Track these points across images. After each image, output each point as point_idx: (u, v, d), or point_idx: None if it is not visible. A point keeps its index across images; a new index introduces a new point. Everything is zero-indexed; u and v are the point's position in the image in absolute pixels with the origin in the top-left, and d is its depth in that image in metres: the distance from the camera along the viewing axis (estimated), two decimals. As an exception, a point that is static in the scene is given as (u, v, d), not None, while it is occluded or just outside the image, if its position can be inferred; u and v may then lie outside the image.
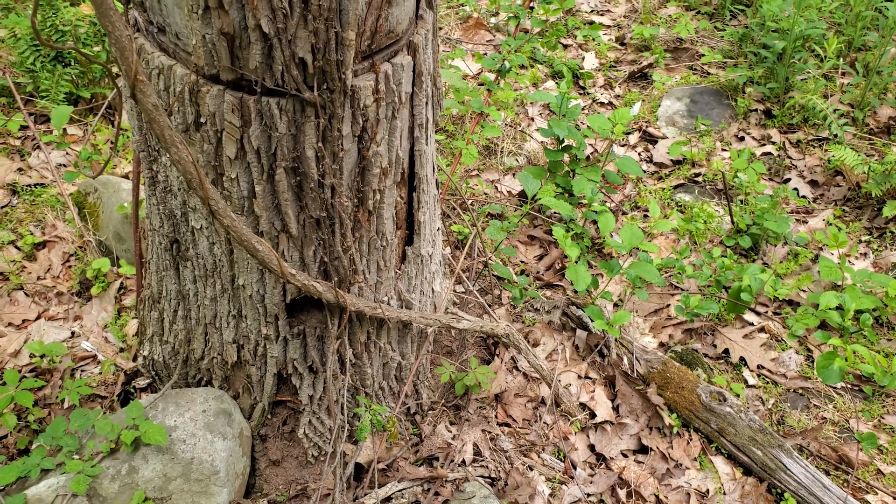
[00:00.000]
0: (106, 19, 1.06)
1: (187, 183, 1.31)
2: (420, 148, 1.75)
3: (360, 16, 1.38)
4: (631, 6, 4.91)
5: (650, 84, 4.26)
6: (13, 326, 2.73)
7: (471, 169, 3.62)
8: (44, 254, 2.99)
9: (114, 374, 2.52)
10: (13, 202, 3.20)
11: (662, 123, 3.99)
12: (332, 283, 1.72)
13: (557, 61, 4.33)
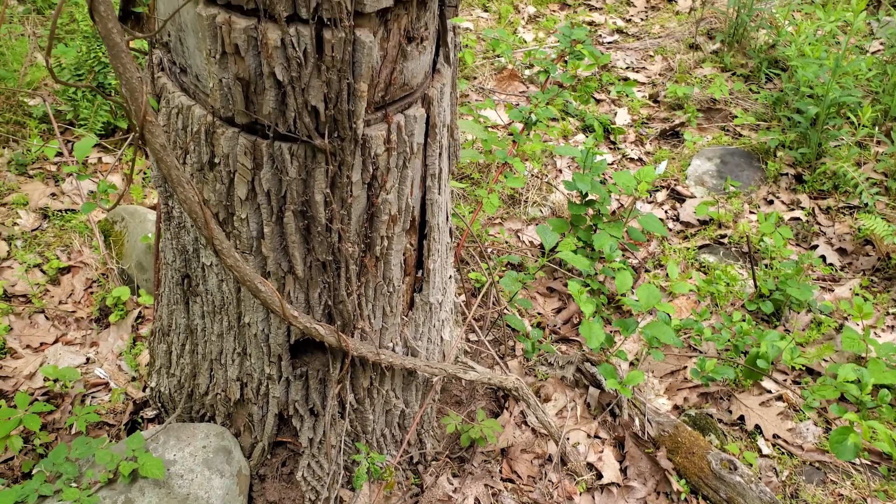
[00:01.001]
0: (118, 61, 1.09)
1: (193, 222, 1.33)
2: (432, 197, 1.76)
3: (374, 68, 1.40)
4: (667, 64, 4.93)
5: (681, 142, 4.25)
6: (31, 349, 2.77)
7: (494, 217, 3.63)
8: (67, 279, 3.04)
9: (123, 402, 2.54)
10: (43, 226, 3.27)
11: (691, 182, 3.97)
12: (335, 327, 1.72)
13: (589, 115, 4.35)
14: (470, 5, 5.51)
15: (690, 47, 4.99)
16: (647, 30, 5.30)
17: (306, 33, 1.29)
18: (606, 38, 5.23)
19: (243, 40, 1.31)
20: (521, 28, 5.31)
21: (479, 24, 5.31)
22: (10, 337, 2.77)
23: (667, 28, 5.27)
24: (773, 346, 2.61)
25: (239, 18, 1.30)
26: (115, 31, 1.06)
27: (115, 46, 1.07)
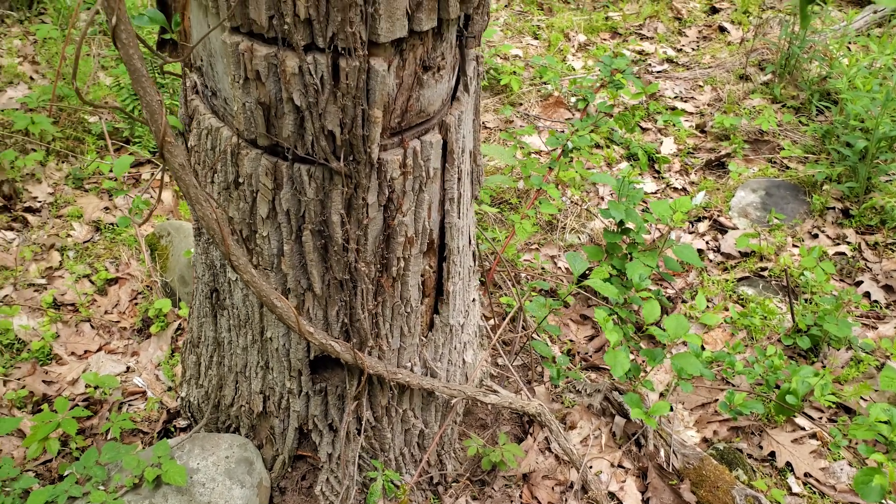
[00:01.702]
0: (139, 85, 1.16)
1: (211, 238, 1.40)
2: (451, 221, 1.80)
3: (390, 95, 1.46)
4: (716, 95, 4.90)
5: (726, 173, 4.22)
6: (75, 356, 2.88)
7: (532, 242, 3.65)
8: (114, 289, 3.16)
9: (158, 411, 2.62)
10: (95, 238, 3.41)
11: (735, 214, 3.93)
12: (351, 344, 1.76)
13: (634, 144, 4.35)
14: (520, 32, 5.57)
15: (741, 78, 4.96)
16: (697, 60, 5.27)
17: (323, 61, 1.35)
18: (656, 67, 5.22)
19: (264, 67, 1.38)
20: (571, 56, 5.34)
21: (529, 51, 5.36)
22: (57, 344, 2.89)
23: (717, 58, 5.24)
24: (803, 382, 2.57)
25: (260, 46, 1.37)
26: (135, 58, 1.13)
27: (136, 72, 1.14)
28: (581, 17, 5.72)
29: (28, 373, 2.75)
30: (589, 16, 5.75)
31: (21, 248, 3.27)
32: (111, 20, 1.05)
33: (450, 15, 1.39)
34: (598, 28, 5.62)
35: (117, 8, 1.04)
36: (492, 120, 4.55)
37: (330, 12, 1.29)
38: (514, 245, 3.42)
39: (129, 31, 1.10)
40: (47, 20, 5.12)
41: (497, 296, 3.16)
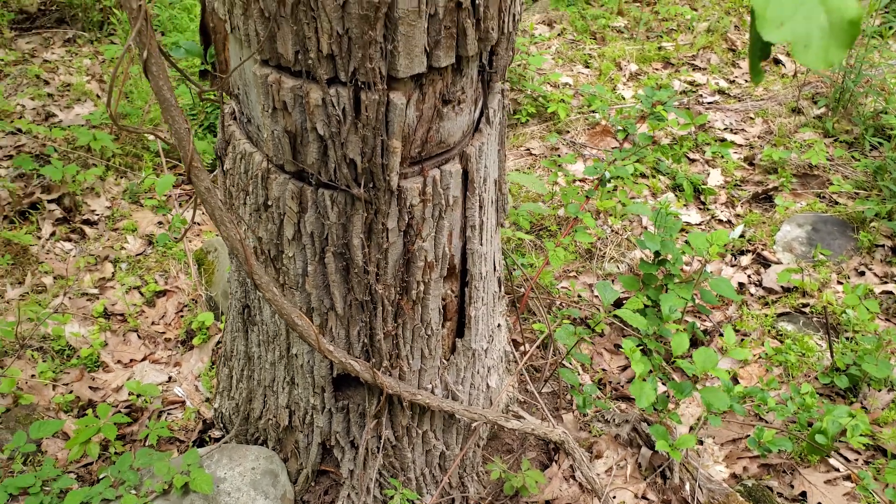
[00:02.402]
0: (168, 114, 1.25)
1: (235, 257, 1.48)
2: (472, 247, 1.85)
3: (410, 126, 1.52)
4: (767, 127, 4.85)
5: (773, 207, 4.17)
6: (122, 364, 3.01)
7: (570, 270, 3.67)
8: (162, 301, 3.29)
9: (194, 421, 2.72)
10: (147, 252, 3.55)
11: (779, 248, 3.88)
12: (370, 364, 1.82)
13: (680, 174, 4.35)
14: (572, 61, 5.62)
15: (793, 111, 4.91)
16: (749, 92, 5.24)
17: (345, 94, 1.42)
18: (707, 98, 5.20)
19: (290, 98, 1.46)
20: (622, 85, 5.36)
21: (579, 79, 5.40)
22: (105, 352, 3.02)
23: (770, 91, 5.20)
24: (834, 422, 2.53)
25: (287, 78, 1.45)
26: (164, 89, 1.22)
27: (165, 101, 1.23)
28: (634, 47, 5.74)
29: (76, 378, 2.88)
30: (642, 45, 5.76)
31: (77, 258, 3.43)
32: (143, 54, 1.14)
33: (468, 52, 1.45)
34: (650, 58, 5.63)
35: (148, 43, 1.12)
36: (537, 147, 4.60)
37: (351, 49, 1.36)
38: (550, 272, 3.44)
39: (159, 65, 1.19)
40: (116, 41, 5.37)
41: (531, 322, 3.19)
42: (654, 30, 6.07)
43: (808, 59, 0.62)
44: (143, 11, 1.08)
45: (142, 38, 1.12)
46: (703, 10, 6.29)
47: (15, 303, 3.16)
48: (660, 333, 2.84)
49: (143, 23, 1.09)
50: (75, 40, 5.39)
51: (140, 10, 1.08)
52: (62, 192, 3.71)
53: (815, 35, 0.60)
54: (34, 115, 4.50)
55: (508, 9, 1.49)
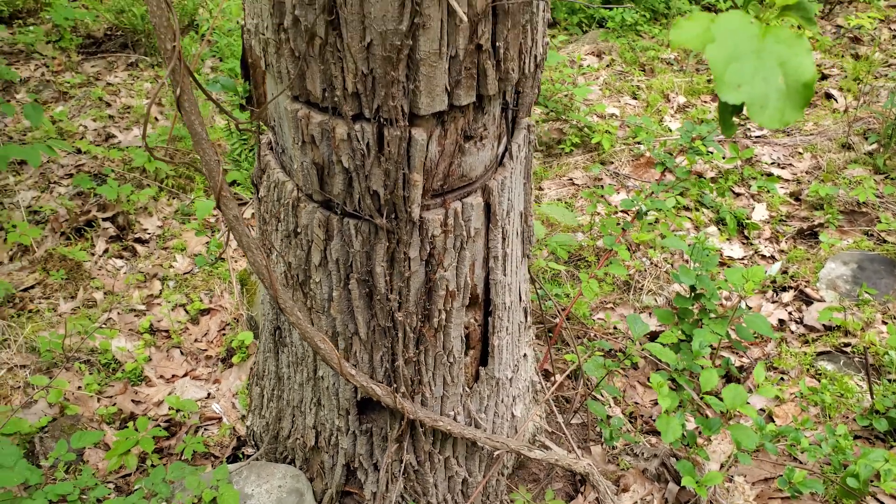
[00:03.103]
0: (199, 146, 1.33)
1: (261, 281, 1.55)
2: (495, 277, 1.89)
3: (432, 161, 1.58)
4: (815, 163, 4.80)
5: (818, 243, 4.12)
6: (164, 379, 3.12)
7: (607, 301, 3.67)
8: (205, 319, 3.40)
9: (229, 437, 2.80)
10: (195, 270, 3.67)
11: (822, 286, 3.83)
12: (392, 389, 1.87)
13: (724, 208, 4.32)
14: (619, 92, 5.64)
15: (843, 147, 4.84)
16: (799, 126, 5.18)
17: (369, 130, 1.49)
18: (755, 131, 5.16)
19: (318, 132, 1.53)
20: (669, 117, 5.36)
21: (626, 110, 5.42)
22: (149, 367, 3.13)
23: (820, 126, 5.14)
24: (867, 465, 2.48)
25: (316, 114, 1.53)
26: (196, 123, 1.30)
27: (196, 135, 1.31)
28: (682, 79, 5.74)
29: (120, 391, 2.99)
30: (691, 77, 5.75)
31: (127, 275, 3.57)
32: (176, 91, 1.22)
33: (489, 92, 1.51)
34: (699, 90, 5.62)
35: (181, 81, 1.21)
36: (580, 177, 4.62)
37: (375, 87, 1.43)
38: (585, 303, 3.46)
39: (191, 101, 1.27)
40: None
41: (563, 352, 3.21)
42: (703, 62, 6.05)
43: (765, 118, 0.66)
44: (177, 52, 1.16)
45: (175, 77, 1.20)
46: (756, 42, 6.25)
47: (66, 316, 3.30)
48: (689, 368, 2.83)
49: (177, 62, 1.17)
50: (137, 64, 5.62)
51: (174, 49, 1.16)
52: (117, 211, 3.87)
53: (773, 97, 0.63)
54: (95, 136, 4.70)
55: (529, 51, 1.54)
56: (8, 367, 3.01)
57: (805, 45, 0.65)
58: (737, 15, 0.67)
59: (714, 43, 0.64)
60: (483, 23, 1.40)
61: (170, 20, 1.16)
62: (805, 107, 0.65)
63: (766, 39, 0.64)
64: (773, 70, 0.62)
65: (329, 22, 1.37)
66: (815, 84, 0.64)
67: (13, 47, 5.65)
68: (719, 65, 0.65)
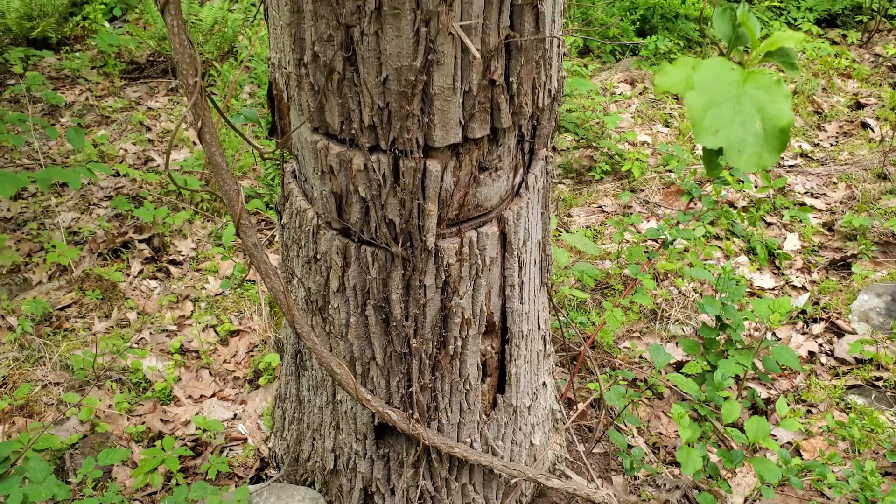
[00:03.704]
0: (219, 176, 1.38)
1: (278, 306, 1.59)
2: (512, 306, 1.91)
3: (447, 191, 1.61)
4: (850, 193, 4.74)
5: (851, 274, 4.06)
6: (192, 399, 3.17)
7: (634, 330, 3.66)
8: (235, 341, 3.46)
9: (253, 458, 2.84)
10: (226, 293, 3.74)
11: (854, 318, 3.77)
12: (408, 414, 1.90)
13: (755, 238, 4.29)
14: (651, 120, 5.64)
15: (878, 177, 4.78)
16: (833, 155, 5.14)
17: (385, 161, 1.53)
18: (788, 161, 5.13)
19: (336, 163, 1.58)
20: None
21: (658, 138, 5.41)
22: (178, 386, 3.19)
23: (856, 155, 5.08)
24: (894, 502, 2.44)
25: (334, 145, 1.57)
26: (216, 154, 1.35)
27: (217, 165, 1.36)
28: (715, 108, 5.71)
29: (149, 410, 3.05)
30: (724, 106, 5.73)
31: (160, 296, 3.65)
32: (197, 124, 1.27)
33: (502, 125, 1.54)
34: (732, 119, 5.59)
35: (203, 114, 1.26)
36: (609, 204, 4.62)
37: (391, 121, 1.47)
38: (610, 332, 3.45)
39: (212, 133, 1.32)
40: (216, 91, 5.71)
41: (588, 381, 3.20)
42: (738, 90, 6.02)
43: (742, 162, 0.68)
44: (199, 87, 1.22)
45: (197, 110, 1.25)
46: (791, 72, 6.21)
47: (100, 335, 3.38)
48: (711, 400, 2.81)
49: (199, 97, 1.22)
50: (177, 90, 5.76)
51: (196, 85, 1.22)
52: (152, 233, 3.96)
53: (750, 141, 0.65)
54: (135, 159, 4.83)
55: (543, 85, 1.57)
56: (42, 385, 3.09)
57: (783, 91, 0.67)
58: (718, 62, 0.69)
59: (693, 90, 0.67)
60: (496, 59, 1.44)
61: (192, 57, 1.21)
62: (782, 151, 0.67)
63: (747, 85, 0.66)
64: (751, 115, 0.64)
65: (346, 58, 1.41)
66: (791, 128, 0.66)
67: (60, 72, 5.84)
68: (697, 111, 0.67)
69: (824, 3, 6.88)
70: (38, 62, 5.91)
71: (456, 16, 1.37)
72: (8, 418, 2.95)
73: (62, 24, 6.18)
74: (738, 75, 0.67)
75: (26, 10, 5.93)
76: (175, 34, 1.19)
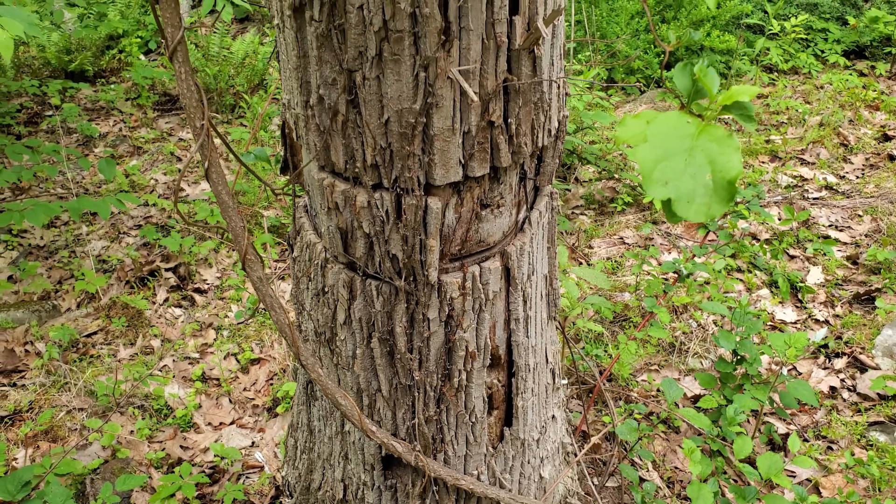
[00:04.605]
0: (226, 213, 1.44)
1: (284, 339, 1.63)
2: (517, 339, 1.94)
3: (449, 227, 1.65)
4: (875, 226, 4.70)
5: (875, 309, 4.02)
6: (212, 426, 3.23)
7: (652, 364, 3.65)
8: (255, 369, 3.52)
9: (268, 486, 2.88)
10: (248, 321, 3.81)
11: (878, 353, 3.73)
12: (413, 446, 1.92)
13: (777, 271, 4.27)
14: (675, 152, 5.63)
15: (904, 210, 4.74)
16: (859, 188, 5.10)
17: (387, 198, 1.58)
18: (812, 193, 5.10)
19: (341, 199, 1.63)
20: (725, 177, 5.33)
21: (681, 170, 5.41)
22: (198, 414, 3.25)
23: (882, 188, 5.04)
24: (910, 543, 2.40)
25: (339, 182, 1.63)
26: (223, 193, 1.41)
27: (223, 203, 1.42)
28: (739, 139, 5.71)
29: (169, 437, 3.11)
30: (748, 138, 5.73)
31: (184, 324, 3.73)
32: (205, 163, 1.33)
33: (502, 164, 1.58)
34: (756, 151, 5.59)
35: (209, 155, 1.32)
36: (631, 236, 4.63)
37: (393, 160, 1.52)
38: (628, 365, 3.45)
39: (218, 173, 1.38)
40: (245, 123, 5.85)
41: (603, 414, 3.20)
42: (763, 122, 6.03)
43: (691, 213, 0.71)
44: (206, 130, 1.28)
45: (204, 151, 1.31)
46: (818, 103, 6.20)
47: (125, 362, 3.46)
48: (724, 435, 2.80)
49: (206, 138, 1.28)
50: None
51: (203, 128, 1.28)
52: (179, 262, 4.05)
53: (700, 192, 0.68)
54: (164, 189, 4.95)
55: (543, 126, 1.61)
56: (67, 410, 3.17)
57: (734, 144, 0.70)
58: (675, 115, 0.72)
59: (646, 143, 0.70)
60: (494, 101, 1.49)
61: (199, 100, 1.27)
62: (731, 201, 0.70)
63: (701, 138, 0.69)
64: (702, 167, 0.67)
65: (349, 101, 1.47)
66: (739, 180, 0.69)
67: (95, 104, 6.02)
68: (648, 164, 0.70)
69: (852, 35, 6.86)
70: (75, 94, 6.09)
71: (454, 61, 1.41)
72: (33, 443, 3.02)
73: (99, 57, 6.38)
74: (693, 128, 0.70)
75: (65, 44, 6.14)
76: (182, 80, 1.25)
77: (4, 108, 5.56)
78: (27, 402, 3.21)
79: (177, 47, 1.22)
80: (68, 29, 6.29)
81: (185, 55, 1.25)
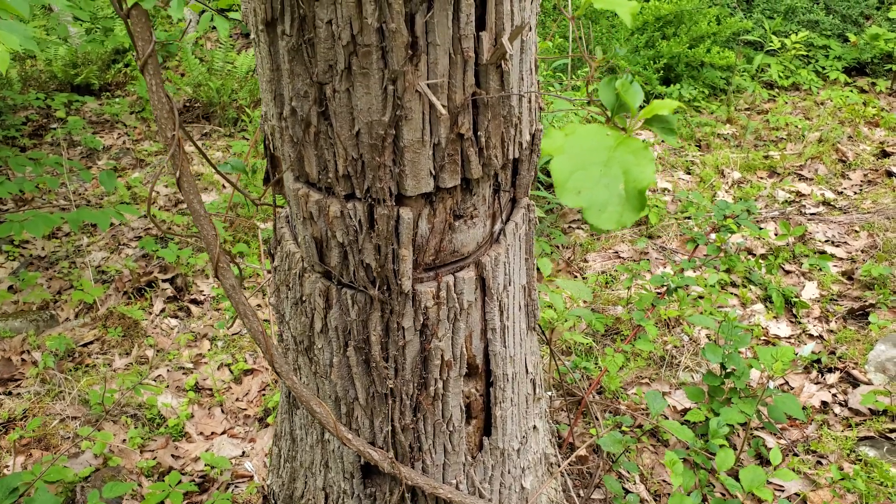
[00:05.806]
0: (198, 222, 1.47)
1: (258, 346, 1.66)
2: (494, 349, 1.97)
3: (423, 237, 1.68)
4: (872, 242, 4.71)
5: (869, 324, 4.02)
6: (203, 436, 3.26)
7: (643, 377, 3.66)
8: (248, 379, 3.55)
9: (255, 495, 2.90)
10: (243, 332, 3.85)
11: (871, 368, 3.73)
12: (390, 454, 1.95)
13: (772, 286, 4.28)
14: (673, 167, 5.67)
15: (901, 225, 4.74)
16: (856, 204, 5.11)
17: (360, 208, 1.61)
18: (810, 209, 5.11)
19: (315, 209, 1.66)
20: (723, 192, 5.36)
21: (679, 185, 5.44)
22: (190, 423, 3.28)
23: (879, 204, 5.05)
24: (892, 557, 2.40)
25: (314, 193, 1.66)
26: (195, 201, 1.44)
27: (195, 212, 1.45)
28: (738, 155, 5.74)
29: (161, 446, 3.14)
30: (747, 154, 5.75)
31: (179, 334, 3.76)
32: (176, 173, 1.37)
33: (473, 176, 1.61)
34: (755, 166, 5.60)
35: (181, 164, 1.36)
36: (626, 250, 4.65)
37: (364, 171, 1.55)
38: (618, 378, 3.46)
39: (189, 182, 1.41)
40: (248, 137, 5.91)
41: (591, 426, 3.21)
42: (762, 138, 6.05)
43: (602, 221, 0.73)
44: (177, 139, 1.32)
45: (175, 161, 1.35)
46: (818, 119, 6.22)
47: (119, 372, 3.50)
48: (707, 448, 2.81)
49: (177, 148, 1.32)
50: (211, 134, 5.97)
51: (174, 138, 1.32)
52: (176, 273, 4.10)
53: (613, 202, 0.71)
54: (165, 201, 5.01)
55: (513, 139, 1.64)
56: (60, 419, 3.21)
57: (649, 156, 0.72)
58: (595, 128, 0.75)
59: (563, 154, 0.73)
60: (463, 114, 1.52)
61: (170, 111, 1.31)
62: (642, 210, 0.73)
63: (619, 149, 0.72)
64: (616, 178, 0.70)
65: (321, 113, 1.51)
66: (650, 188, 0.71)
67: (100, 117, 6.10)
68: (563, 173, 0.73)
69: (853, 52, 6.89)
70: (81, 107, 6.17)
71: (422, 75, 1.45)
72: (26, 451, 3.06)
73: (104, 71, 6.47)
74: (612, 140, 0.72)
75: (72, 58, 6.23)
76: (153, 91, 1.29)
77: (10, 121, 5.64)
78: (21, 411, 3.25)
79: (147, 60, 1.26)
80: (75, 43, 6.38)
81: (156, 67, 1.29)
